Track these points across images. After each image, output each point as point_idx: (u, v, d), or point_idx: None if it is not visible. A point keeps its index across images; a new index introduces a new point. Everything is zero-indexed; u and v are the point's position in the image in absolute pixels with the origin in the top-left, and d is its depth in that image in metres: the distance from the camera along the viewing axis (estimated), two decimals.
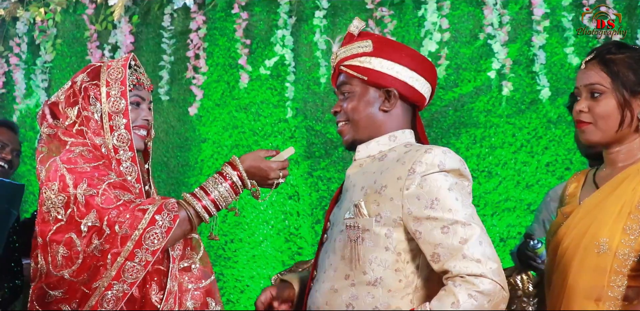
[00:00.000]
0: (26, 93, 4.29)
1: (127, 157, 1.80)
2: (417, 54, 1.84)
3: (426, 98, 1.84)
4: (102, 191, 1.68)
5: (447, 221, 1.60)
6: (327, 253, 1.77)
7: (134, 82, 1.83)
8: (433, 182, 1.63)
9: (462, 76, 3.45)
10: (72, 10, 4.25)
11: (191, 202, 1.74)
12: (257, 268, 3.70)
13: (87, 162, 1.73)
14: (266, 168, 1.80)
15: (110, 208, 1.67)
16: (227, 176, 1.77)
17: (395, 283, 1.65)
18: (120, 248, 1.64)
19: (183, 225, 1.72)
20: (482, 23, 3.38)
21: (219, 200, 1.76)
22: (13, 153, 2.58)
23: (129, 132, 1.79)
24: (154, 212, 1.67)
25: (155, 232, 1.65)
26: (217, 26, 3.90)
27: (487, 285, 1.54)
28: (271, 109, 3.77)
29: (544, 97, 3.27)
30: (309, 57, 3.71)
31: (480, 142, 3.41)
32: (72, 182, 1.70)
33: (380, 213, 1.67)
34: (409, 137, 1.81)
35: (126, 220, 1.66)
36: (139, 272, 1.66)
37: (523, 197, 3.33)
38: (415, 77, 1.79)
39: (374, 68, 1.77)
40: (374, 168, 1.74)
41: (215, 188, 1.75)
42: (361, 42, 1.81)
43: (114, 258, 1.65)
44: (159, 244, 1.66)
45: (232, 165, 1.81)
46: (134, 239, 1.64)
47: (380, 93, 1.79)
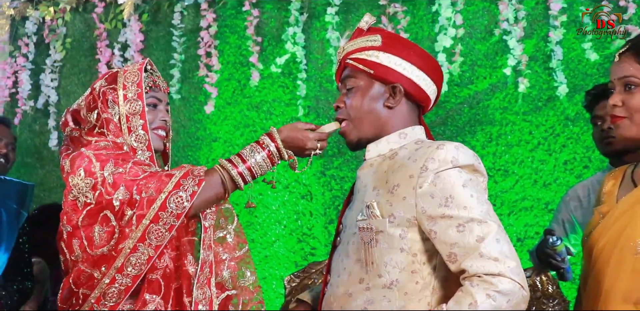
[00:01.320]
0: (32, 94, 4.27)
1: (145, 157, 1.83)
2: (425, 54, 1.80)
3: (431, 99, 1.80)
4: (129, 168, 1.73)
5: (463, 219, 1.55)
6: (341, 256, 1.73)
7: (150, 84, 1.87)
8: (447, 179, 1.58)
9: (477, 73, 3.39)
10: (82, 9, 4.25)
11: (226, 167, 1.76)
12: (270, 269, 3.66)
13: (111, 151, 1.78)
14: (303, 138, 1.79)
15: (138, 179, 1.71)
16: (264, 145, 1.78)
17: (412, 285, 1.60)
18: (145, 210, 1.68)
19: (214, 189, 1.75)
20: (498, 18, 3.32)
21: (254, 168, 1.77)
22: (8, 147, 2.55)
23: (146, 133, 1.83)
24: (180, 177, 1.71)
25: (180, 195, 1.69)
26: (228, 24, 3.87)
27: (505, 285, 1.49)
28: (283, 107, 3.73)
29: (562, 93, 3.21)
30: (321, 55, 3.66)
31: (496, 139, 3.35)
32: (99, 164, 1.74)
33: (393, 214, 1.62)
34: (419, 134, 1.77)
35: (153, 184, 1.70)
36: (164, 235, 1.69)
37: (540, 196, 3.27)
38: (422, 76, 1.75)
39: (381, 62, 1.74)
40: (385, 167, 1.70)
41: (252, 156, 1.77)
42: (370, 36, 1.77)
43: (139, 220, 1.68)
44: (183, 208, 1.68)
45: (270, 135, 1.80)
46: (159, 202, 1.68)
47: (386, 89, 1.75)
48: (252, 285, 1.86)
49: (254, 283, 1.86)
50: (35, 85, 4.30)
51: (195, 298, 1.75)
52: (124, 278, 1.70)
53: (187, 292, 1.75)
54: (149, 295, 1.72)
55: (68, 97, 4.21)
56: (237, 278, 1.83)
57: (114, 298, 1.71)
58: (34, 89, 4.30)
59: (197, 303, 1.75)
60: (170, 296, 1.74)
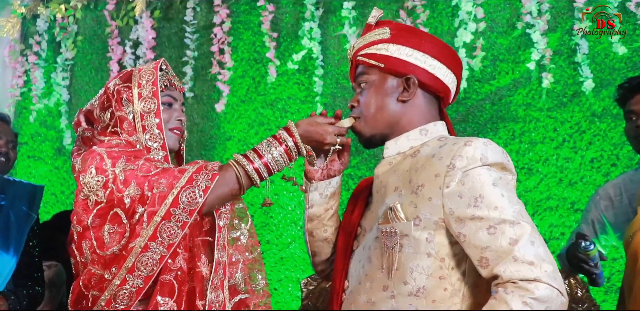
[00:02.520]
0: (45, 92, 4.25)
1: (159, 157, 1.78)
2: (438, 41, 1.71)
3: (450, 89, 1.71)
4: (141, 164, 1.68)
5: (494, 220, 1.45)
6: (361, 262, 1.63)
7: (165, 83, 1.84)
8: (476, 177, 1.49)
9: (500, 68, 3.29)
10: (93, 6, 4.22)
11: (241, 162, 1.68)
12: (285, 271, 3.58)
13: (124, 148, 1.73)
14: (322, 132, 1.69)
15: (150, 175, 1.65)
16: (282, 140, 1.70)
17: (440, 292, 1.50)
18: (157, 207, 1.62)
19: (228, 184, 1.67)
20: (520, 11, 3.22)
21: (272, 164, 1.69)
22: (9, 145, 2.48)
23: (161, 132, 1.79)
24: (193, 172, 1.65)
25: (192, 191, 1.62)
26: (242, 20, 3.80)
27: (542, 291, 1.38)
28: (299, 105, 3.65)
29: (587, 88, 3.10)
30: (338, 50, 3.58)
31: (519, 137, 3.24)
32: (110, 161, 1.69)
33: (418, 216, 1.52)
34: (441, 130, 1.68)
35: (165, 180, 1.64)
36: (176, 233, 1.62)
37: (566, 195, 3.16)
38: (437, 65, 1.67)
39: (391, 54, 1.66)
40: (407, 165, 1.61)
41: (269, 151, 1.69)
42: (378, 29, 1.70)
43: (150, 217, 1.62)
44: (196, 204, 1.62)
45: (287, 130, 1.70)
46: (171, 197, 1.62)
47: (399, 82, 1.67)
48: (262, 289, 1.80)
49: (264, 287, 1.80)
50: (47, 83, 4.26)
51: (208, 301, 1.68)
52: (135, 279, 1.63)
53: (199, 295, 1.69)
54: (162, 297, 1.66)
55: (79, 96, 4.17)
56: (250, 281, 1.78)
57: (125, 300, 1.64)
58: (45, 88, 4.27)
59: (210, 306, 1.68)
60: (183, 299, 1.68)
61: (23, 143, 4.35)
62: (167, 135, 1.81)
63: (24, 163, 4.33)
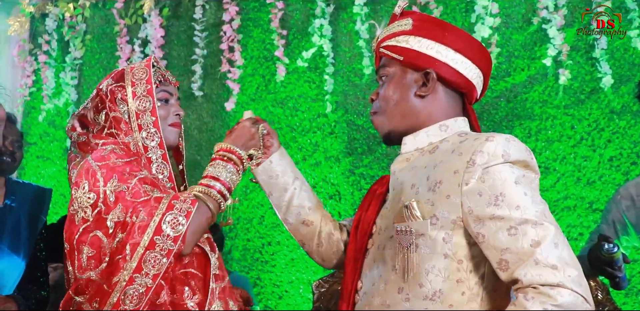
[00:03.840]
0: (55, 92, 4.22)
1: (157, 156, 1.75)
2: (464, 34, 1.62)
3: (475, 85, 1.62)
4: (132, 186, 1.63)
5: (515, 220, 1.36)
6: (376, 262, 1.56)
7: (159, 78, 1.80)
8: (497, 174, 1.40)
9: (515, 64, 3.21)
10: (102, 4, 4.19)
11: (204, 190, 1.67)
12: (296, 273, 3.52)
13: (119, 157, 1.68)
14: (245, 131, 1.76)
15: (137, 202, 1.60)
16: (226, 158, 1.72)
17: (457, 296, 1.42)
18: (139, 238, 1.55)
19: (204, 213, 1.64)
20: (536, 6, 3.15)
21: (229, 183, 1.71)
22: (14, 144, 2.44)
23: (158, 130, 1.75)
24: (170, 198, 1.61)
25: (174, 216, 1.58)
26: (251, 17, 3.75)
27: (566, 297, 1.29)
28: (309, 103, 3.58)
29: (606, 85, 3.02)
30: (349, 47, 3.51)
31: (535, 135, 3.16)
32: (103, 178, 1.64)
33: (435, 214, 1.44)
34: (462, 126, 1.60)
35: (145, 209, 1.59)
36: (162, 262, 1.56)
37: (584, 195, 3.08)
38: (460, 60, 1.58)
39: (411, 47, 1.59)
40: (424, 162, 1.53)
41: (221, 172, 1.70)
42: (401, 20, 1.63)
43: (134, 249, 1.55)
44: (180, 230, 1.56)
45: (221, 149, 1.73)
46: (153, 226, 1.56)
47: (418, 76, 1.59)
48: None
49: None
50: (56, 83, 4.24)
51: None
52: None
53: None
54: None
55: (87, 96, 4.12)
56: (225, 308, 1.75)
57: None
58: (54, 88, 4.25)
59: None
60: None
61: (32, 143, 4.32)
62: (167, 131, 1.78)
63: (32, 163, 4.30)
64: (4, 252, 2.30)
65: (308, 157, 3.54)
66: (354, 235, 1.67)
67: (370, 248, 1.61)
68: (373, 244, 1.60)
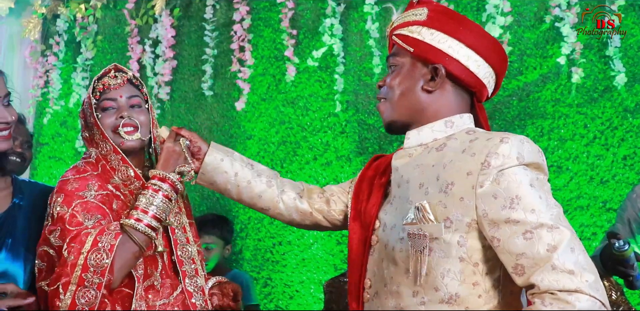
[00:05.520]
0: (66, 93, 4.23)
1: (117, 162, 1.84)
2: (479, 30, 1.58)
3: (485, 84, 1.58)
4: (71, 211, 1.74)
5: (531, 224, 1.34)
6: (384, 262, 1.53)
7: (99, 88, 1.88)
8: (512, 177, 1.38)
9: (527, 63, 3.18)
10: (113, 5, 4.19)
11: (132, 224, 1.75)
12: (307, 273, 3.50)
13: (77, 172, 1.83)
14: (170, 153, 1.83)
15: (73, 230, 1.71)
16: (157, 188, 1.79)
17: (474, 299, 1.41)
18: (70, 277, 1.67)
19: (130, 248, 1.73)
20: (548, 4, 3.11)
21: (159, 214, 1.78)
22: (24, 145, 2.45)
23: (107, 140, 1.84)
24: (96, 234, 1.70)
25: (99, 252, 1.68)
26: (262, 17, 3.73)
27: (584, 303, 1.28)
28: (320, 103, 3.57)
29: (620, 83, 2.98)
30: (360, 47, 3.49)
31: (548, 134, 3.13)
32: (54, 194, 1.79)
33: (449, 217, 1.42)
34: (468, 123, 1.57)
35: (74, 246, 1.70)
36: (94, 296, 1.67)
37: (597, 194, 3.04)
38: (473, 57, 1.54)
39: (423, 39, 1.55)
40: (432, 160, 1.50)
41: (151, 203, 1.77)
42: (417, 9, 1.59)
43: (66, 288, 1.67)
44: (105, 264, 1.66)
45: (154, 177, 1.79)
46: (80, 263, 1.67)
47: (427, 70, 1.56)
48: None
49: None
50: (67, 84, 4.24)
51: None
52: None
53: None
54: None
55: None
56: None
57: None
58: (65, 88, 4.25)
59: None
60: None
61: (44, 144, 4.33)
62: (118, 136, 1.84)
63: (45, 163, 4.31)
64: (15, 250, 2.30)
65: (319, 156, 3.52)
66: (357, 229, 1.65)
67: (375, 245, 1.58)
68: (378, 241, 1.57)
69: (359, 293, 1.59)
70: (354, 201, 1.69)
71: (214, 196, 3.79)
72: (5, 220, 1.93)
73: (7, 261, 1.96)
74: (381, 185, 1.64)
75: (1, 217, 1.92)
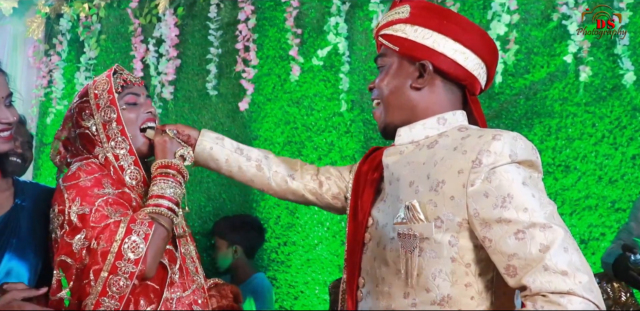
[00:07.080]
0: (67, 93, 4.21)
1: (129, 163, 1.81)
2: (464, 22, 1.55)
3: (476, 76, 1.54)
4: (96, 208, 1.69)
5: (523, 224, 1.30)
6: (377, 261, 1.50)
7: (121, 83, 1.83)
8: (504, 175, 1.34)
9: (534, 61, 3.15)
10: (116, 4, 4.17)
11: (156, 210, 1.73)
12: (312, 273, 3.47)
13: (87, 174, 1.75)
14: (157, 144, 1.81)
15: (100, 226, 1.67)
16: (165, 173, 1.78)
17: (466, 301, 1.37)
18: (101, 264, 1.63)
19: (162, 234, 1.71)
20: (555, 2, 3.08)
21: (175, 197, 1.77)
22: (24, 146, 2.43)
23: (126, 138, 1.80)
24: (128, 221, 1.67)
25: (134, 240, 1.65)
26: (267, 16, 3.70)
27: (577, 305, 1.23)
28: (325, 102, 3.54)
29: (628, 82, 2.95)
30: (365, 46, 3.46)
31: (555, 133, 3.10)
32: (68, 199, 1.72)
33: (439, 217, 1.39)
34: (460, 120, 1.54)
35: (104, 235, 1.66)
36: (126, 284, 1.64)
37: (606, 194, 3.00)
38: (460, 50, 1.51)
39: (407, 37, 1.53)
40: (423, 157, 1.47)
41: (166, 188, 1.76)
42: (400, 7, 1.57)
43: (97, 274, 1.64)
44: (140, 252, 1.64)
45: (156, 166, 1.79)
46: (113, 251, 1.63)
47: (414, 68, 1.54)
48: None
49: None
50: (70, 84, 4.22)
51: None
52: None
53: None
54: None
55: None
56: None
57: None
58: (69, 88, 4.23)
59: None
60: None
61: (47, 144, 4.31)
62: (137, 137, 1.82)
63: (48, 163, 4.29)
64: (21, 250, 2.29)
65: (323, 156, 3.50)
66: (351, 225, 1.61)
67: (368, 243, 1.55)
68: (371, 239, 1.54)
69: (353, 292, 1.57)
70: (352, 195, 1.66)
71: (220, 197, 3.76)
72: (9, 221, 1.91)
73: (12, 261, 1.94)
74: (373, 181, 1.60)
75: (5, 218, 1.91)
